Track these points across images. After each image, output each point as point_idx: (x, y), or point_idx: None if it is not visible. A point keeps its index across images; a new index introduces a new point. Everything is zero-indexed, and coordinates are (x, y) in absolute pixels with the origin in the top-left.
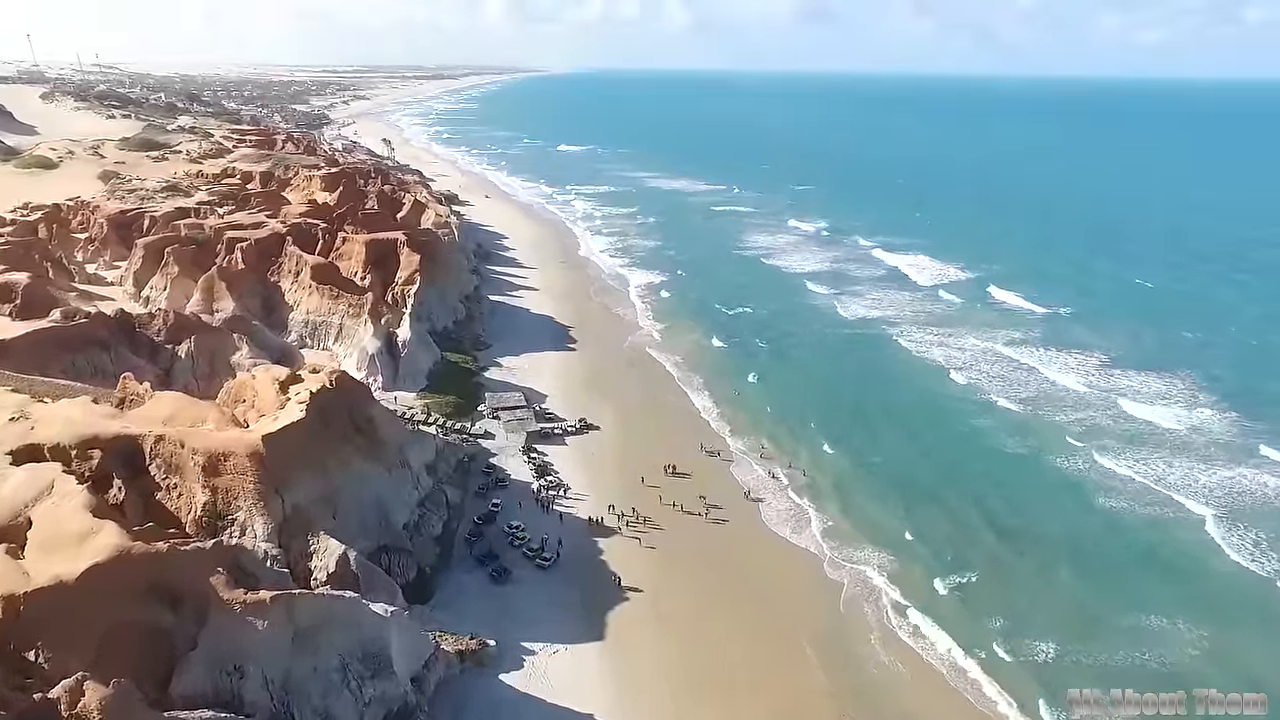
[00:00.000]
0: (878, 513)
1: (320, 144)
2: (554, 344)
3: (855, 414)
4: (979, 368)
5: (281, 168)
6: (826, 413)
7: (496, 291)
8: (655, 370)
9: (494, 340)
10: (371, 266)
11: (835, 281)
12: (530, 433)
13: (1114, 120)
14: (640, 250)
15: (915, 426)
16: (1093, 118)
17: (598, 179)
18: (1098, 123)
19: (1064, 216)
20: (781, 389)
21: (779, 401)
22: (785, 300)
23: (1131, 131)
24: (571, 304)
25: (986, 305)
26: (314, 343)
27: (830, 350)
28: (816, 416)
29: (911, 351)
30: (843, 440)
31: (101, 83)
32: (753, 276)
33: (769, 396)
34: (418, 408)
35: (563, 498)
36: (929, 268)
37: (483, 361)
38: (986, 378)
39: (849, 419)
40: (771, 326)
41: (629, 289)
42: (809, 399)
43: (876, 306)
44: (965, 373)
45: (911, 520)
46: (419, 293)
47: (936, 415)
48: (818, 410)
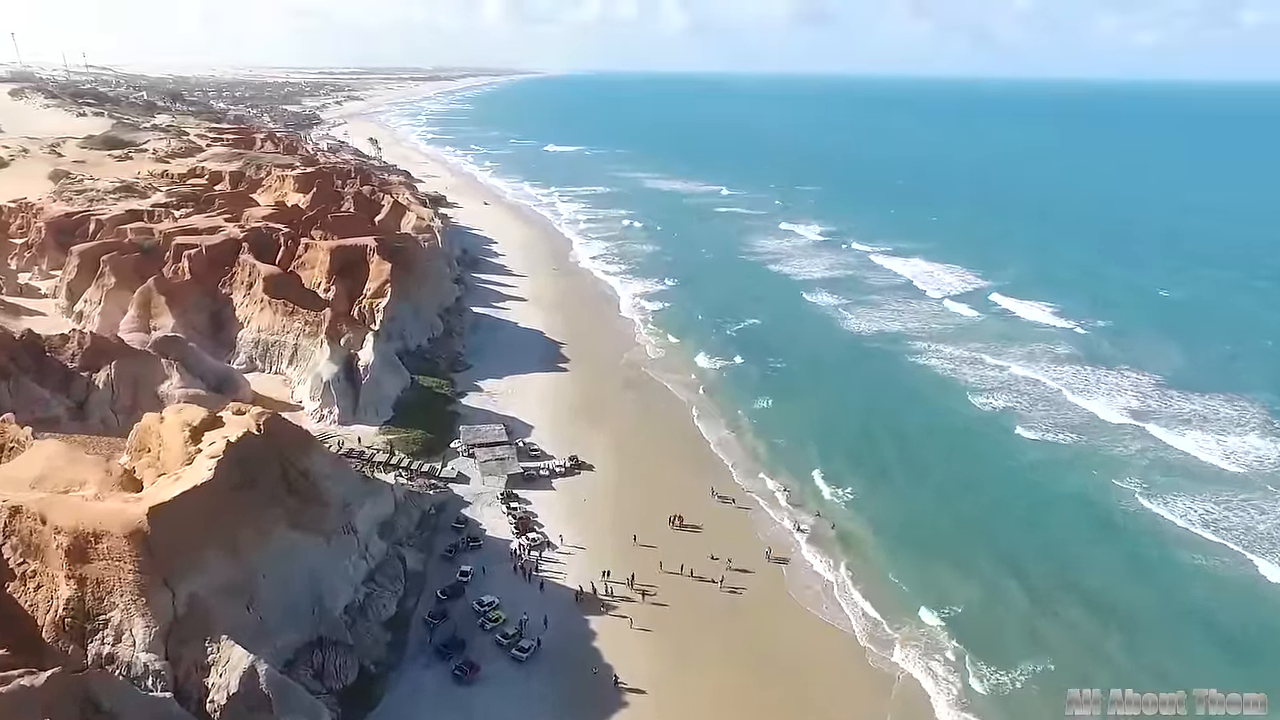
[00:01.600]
0: (922, 574)
1: (304, 144)
2: (543, 363)
3: (879, 448)
4: (1001, 391)
5: (253, 167)
6: (849, 446)
7: (481, 302)
8: (656, 394)
9: (475, 359)
10: (337, 277)
11: (842, 290)
12: (511, 475)
13: (1112, 122)
14: (637, 255)
15: (946, 463)
16: (1091, 119)
17: (593, 180)
18: (1096, 124)
19: (1067, 219)
20: (797, 416)
21: (796, 431)
22: (793, 311)
23: (1130, 133)
24: (563, 316)
25: (999, 317)
26: (266, 365)
27: (844, 369)
28: (839, 450)
29: (930, 371)
30: (871, 481)
31: (88, 83)
32: (757, 284)
33: (784, 425)
34: (379, 446)
35: (547, 560)
36: (937, 275)
37: (461, 385)
38: (1010, 402)
39: (873, 454)
40: (781, 342)
41: (625, 298)
42: (828, 428)
43: (887, 319)
44: (987, 396)
45: (962, 583)
46: (389, 307)
47: (965, 448)
48: (839, 443)
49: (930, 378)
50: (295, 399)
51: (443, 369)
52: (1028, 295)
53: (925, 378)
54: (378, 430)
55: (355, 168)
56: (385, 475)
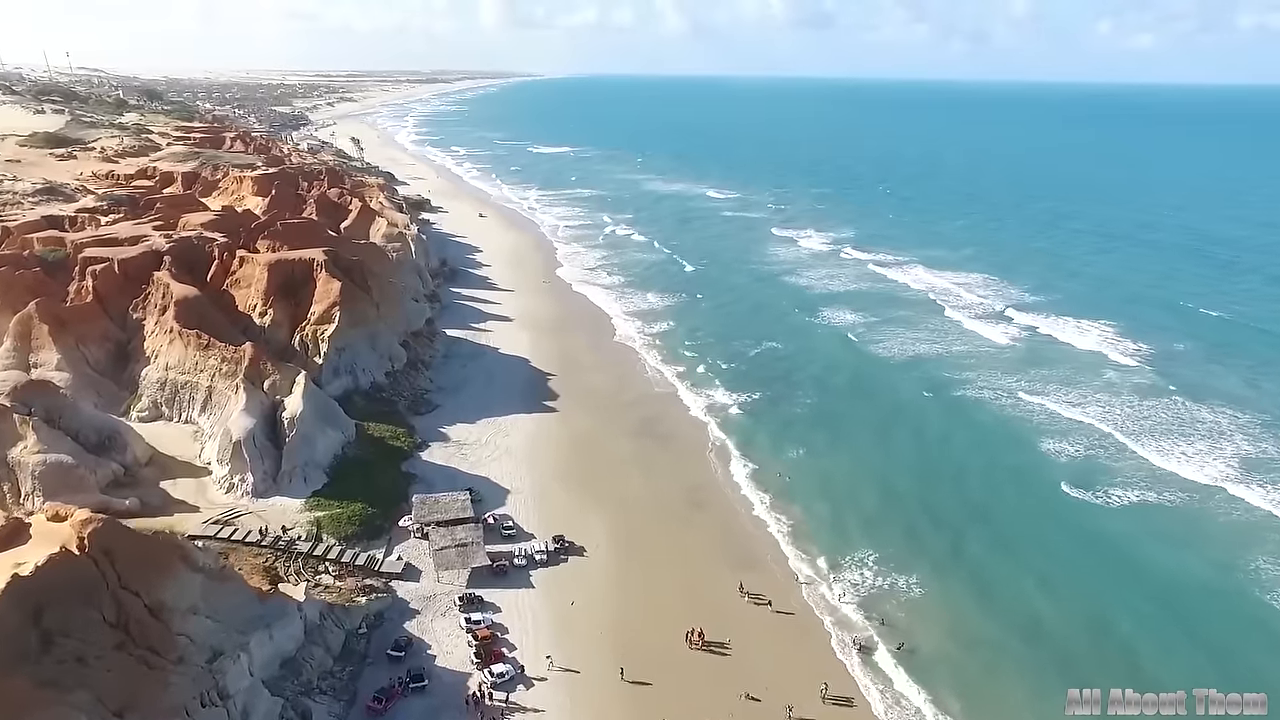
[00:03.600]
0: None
1: (279, 144)
2: (527, 401)
3: (942, 514)
4: (1075, 439)
5: (209, 168)
6: (907, 517)
7: (458, 322)
8: (664, 444)
9: (444, 397)
10: (276, 298)
11: (861, 306)
12: (476, 569)
13: (1116, 123)
14: (636, 267)
15: (1030, 538)
16: (1092, 121)
17: (589, 183)
18: (1097, 126)
19: (1082, 224)
20: (838, 472)
21: (841, 494)
22: (811, 333)
23: (1132, 135)
24: (553, 340)
25: (1037, 340)
26: (173, 413)
27: (880, 407)
28: (895, 522)
29: (973, 407)
30: (939, 564)
31: (73, 83)
32: (768, 300)
33: (824, 485)
34: (300, 527)
35: (519, 711)
36: (957, 288)
37: (423, 433)
38: (1088, 456)
39: (935, 522)
40: (803, 371)
41: (624, 318)
42: (877, 490)
43: (915, 342)
44: (1058, 442)
45: None
46: (337, 335)
47: (1046, 518)
48: (895, 512)
49: (977, 416)
50: (203, 459)
51: (401, 412)
52: (1054, 310)
53: (970, 417)
54: (303, 504)
55: (326, 169)
56: (296, 586)
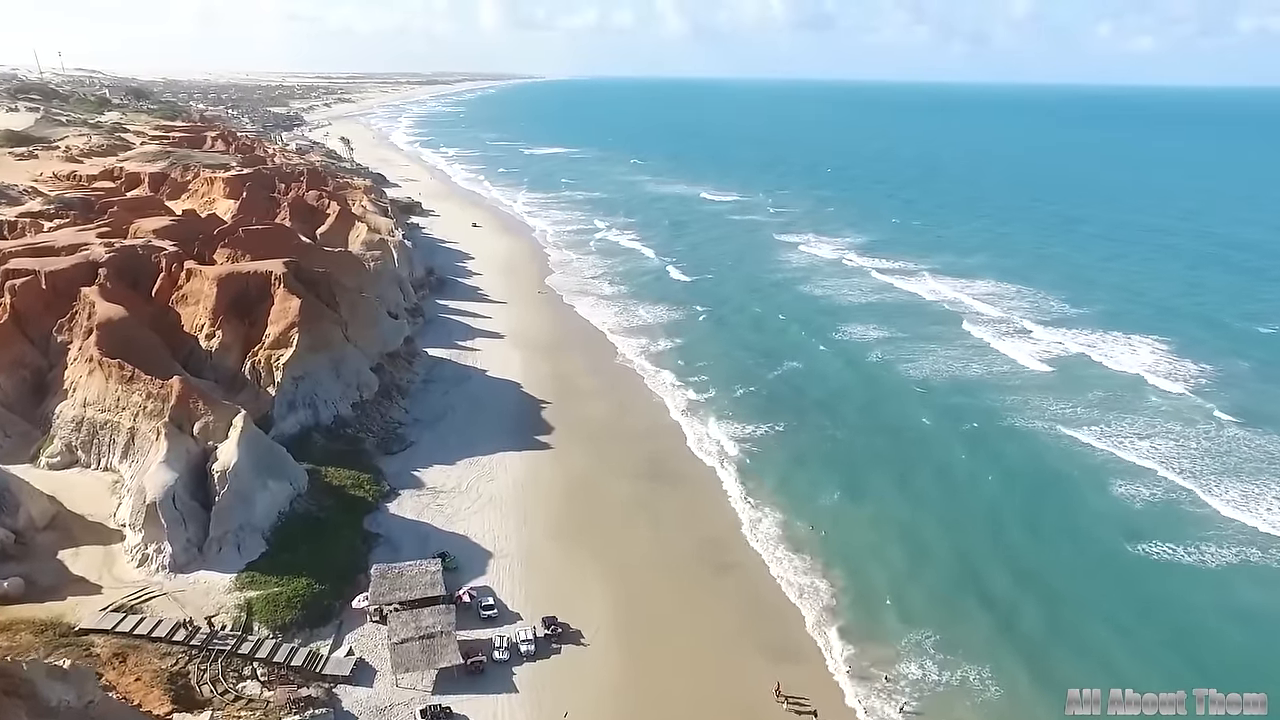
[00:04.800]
0: None
1: (265, 144)
2: (516, 435)
3: (1006, 579)
4: (1130, 482)
5: (179, 169)
6: (962, 578)
7: (443, 340)
8: (675, 485)
9: (420, 432)
10: (226, 317)
11: (887, 321)
12: (443, 670)
13: (1113, 125)
14: (638, 276)
15: (1105, 610)
16: (1094, 122)
17: (589, 184)
18: (1100, 127)
19: (1098, 229)
20: (882, 523)
21: (886, 552)
22: (834, 353)
23: (1135, 136)
24: (548, 361)
25: (1083, 365)
26: (91, 459)
27: (919, 441)
28: (952, 586)
29: (1025, 443)
30: (1012, 647)
31: (61, 83)
32: (783, 315)
33: (868, 541)
34: (227, 612)
35: None
36: (989, 300)
37: (391, 478)
38: (1149, 504)
39: (1000, 591)
40: (829, 398)
41: (627, 335)
42: (928, 546)
43: (949, 363)
44: (1113, 485)
45: None
46: (294, 361)
47: (1119, 585)
48: (948, 572)
49: (1017, 453)
50: (118, 520)
51: (368, 452)
52: (1081, 324)
53: (1011, 454)
54: (233, 581)
55: (308, 170)
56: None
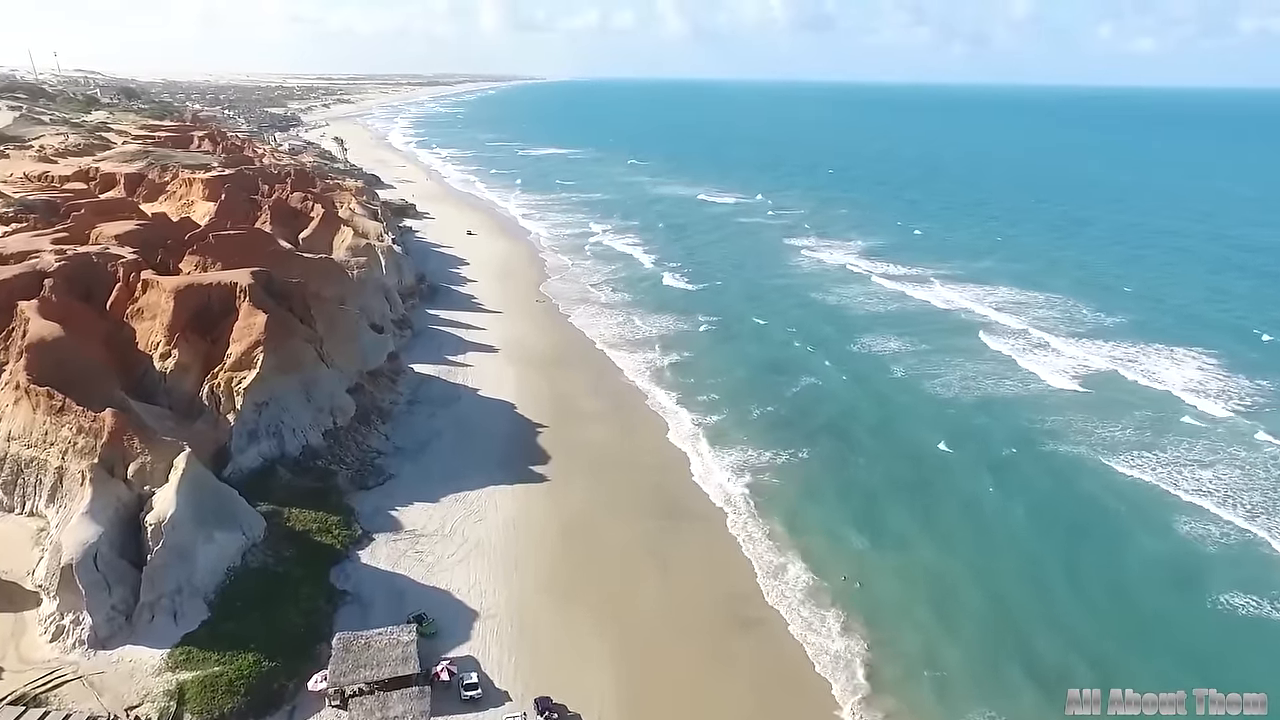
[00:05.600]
0: None
1: (261, 144)
2: (508, 465)
3: (1072, 645)
4: (1185, 523)
5: (157, 169)
6: (1021, 643)
7: (432, 354)
8: (687, 525)
9: (401, 463)
10: (184, 334)
11: (908, 333)
12: None
13: (1116, 126)
14: (641, 283)
15: (1173, 665)
16: (1095, 124)
17: (589, 186)
18: (1103, 129)
19: (1137, 234)
20: (925, 573)
21: (934, 609)
22: (856, 369)
23: (1138, 137)
24: (546, 378)
25: (1112, 383)
26: (15, 501)
27: (952, 469)
28: (1010, 653)
29: (1067, 474)
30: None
31: (53, 83)
32: (798, 325)
33: (912, 596)
34: (153, 701)
35: None
36: (1006, 309)
37: (365, 519)
38: (1221, 548)
39: (1068, 660)
40: (852, 417)
41: (629, 348)
42: (978, 600)
43: (980, 380)
44: (1177, 525)
45: None
46: (256, 385)
47: (1182, 635)
48: (1005, 636)
49: (1060, 486)
50: (35, 580)
51: (340, 488)
52: (1104, 336)
53: (1054, 488)
54: (164, 658)
55: (295, 171)
56: None
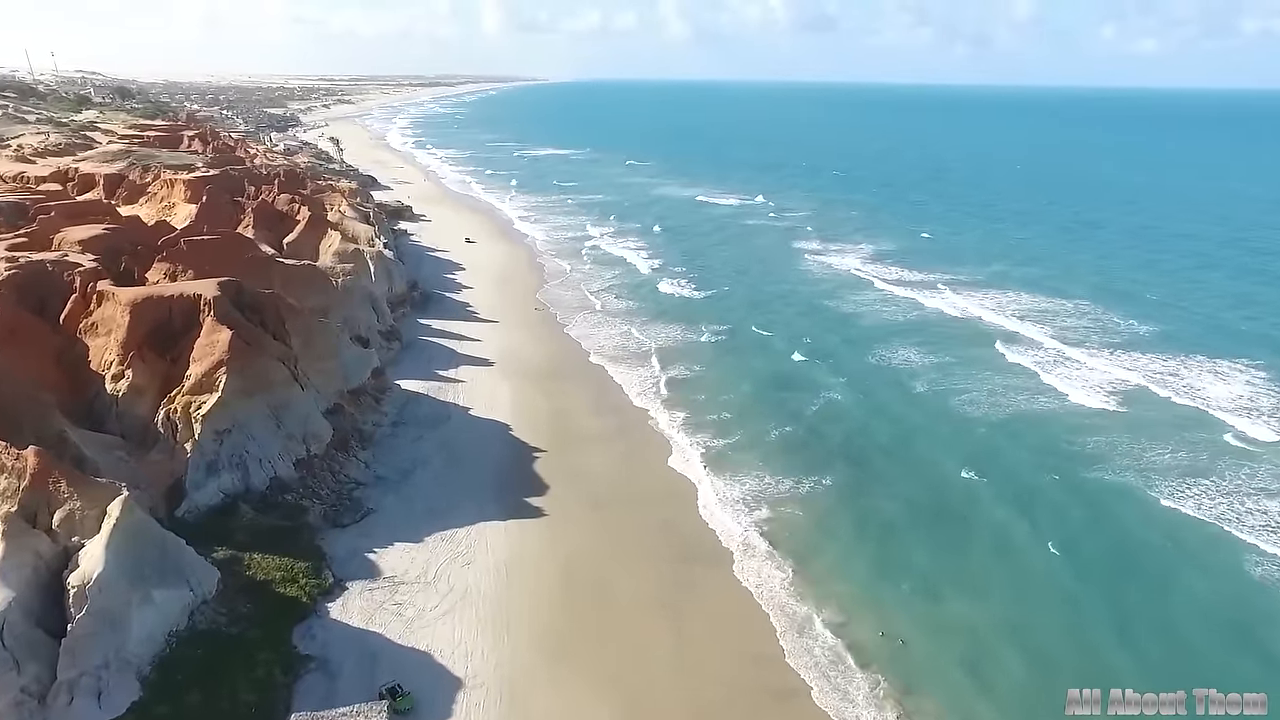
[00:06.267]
0: None
1: (256, 144)
2: (502, 497)
3: None
4: (1256, 566)
5: (138, 170)
6: None
7: (421, 370)
8: (702, 570)
9: (382, 495)
10: (141, 352)
11: (925, 346)
12: None
13: (1120, 127)
14: (646, 288)
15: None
16: (1099, 125)
17: (590, 188)
18: (1107, 129)
19: (1151, 236)
20: (973, 625)
21: (989, 673)
22: (872, 386)
23: (1143, 138)
24: (544, 395)
25: (1145, 400)
26: None
27: (979, 497)
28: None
29: (1114, 503)
30: None
31: (59, 83)
32: (808, 336)
33: (964, 656)
34: None
35: None
36: (1038, 321)
37: (338, 564)
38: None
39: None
40: (872, 443)
41: (633, 361)
42: (1031, 661)
43: (1006, 398)
44: (1238, 567)
45: None
46: (217, 410)
47: None
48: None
49: (1105, 520)
50: None
51: (312, 526)
52: (1134, 347)
53: (1095, 518)
54: None
55: (285, 172)
56: None
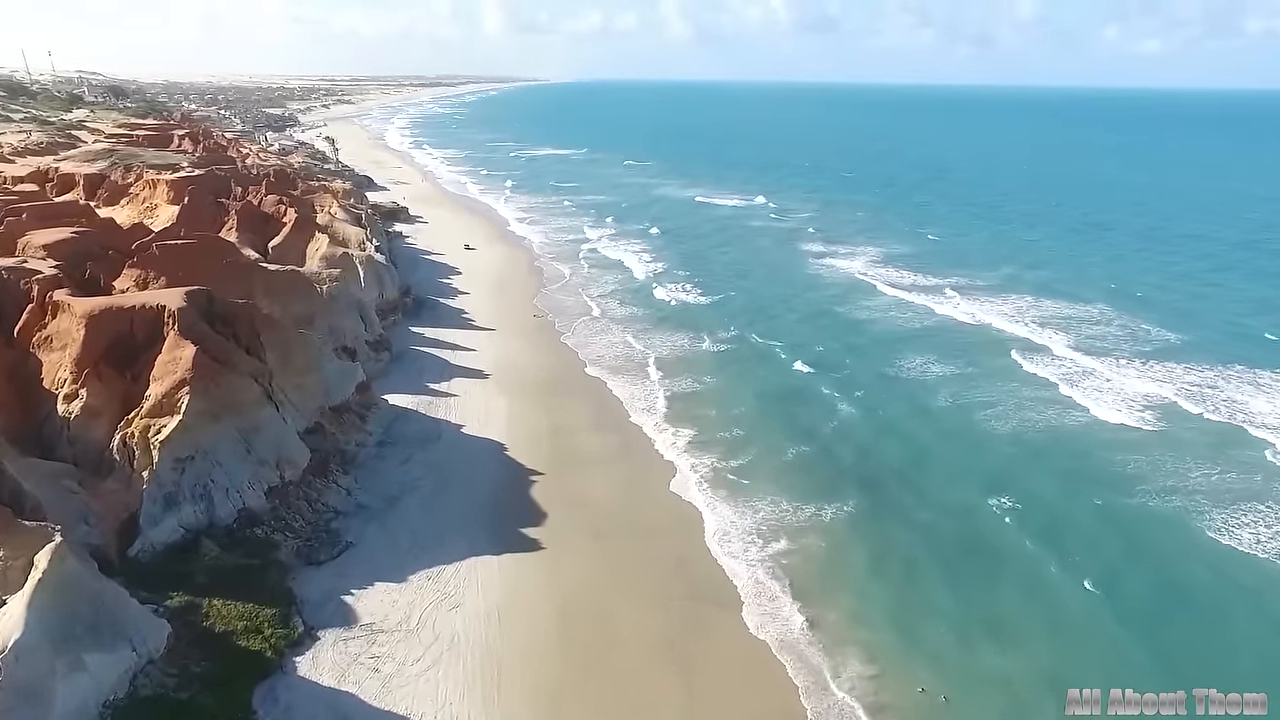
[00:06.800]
0: None
1: (250, 144)
2: (494, 529)
3: None
4: None
5: (120, 170)
6: None
7: (411, 384)
8: (713, 611)
9: (363, 526)
10: (96, 369)
11: (941, 352)
12: None
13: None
14: (649, 293)
15: None
16: (1102, 126)
17: (591, 189)
18: (1110, 130)
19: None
20: (1016, 678)
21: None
22: (893, 396)
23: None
24: (542, 411)
25: (1177, 417)
26: None
27: (1023, 527)
28: None
29: (1161, 536)
30: None
31: (56, 83)
32: (820, 343)
33: (1006, 711)
34: None
35: None
36: (1057, 330)
37: (309, 609)
38: None
39: None
40: (897, 465)
41: (636, 374)
42: None
43: (1033, 409)
44: None
45: None
46: (179, 435)
47: None
48: None
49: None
50: None
51: (283, 564)
52: (1161, 357)
53: (1137, 554)
54: None
55: (274, 172)
56: None
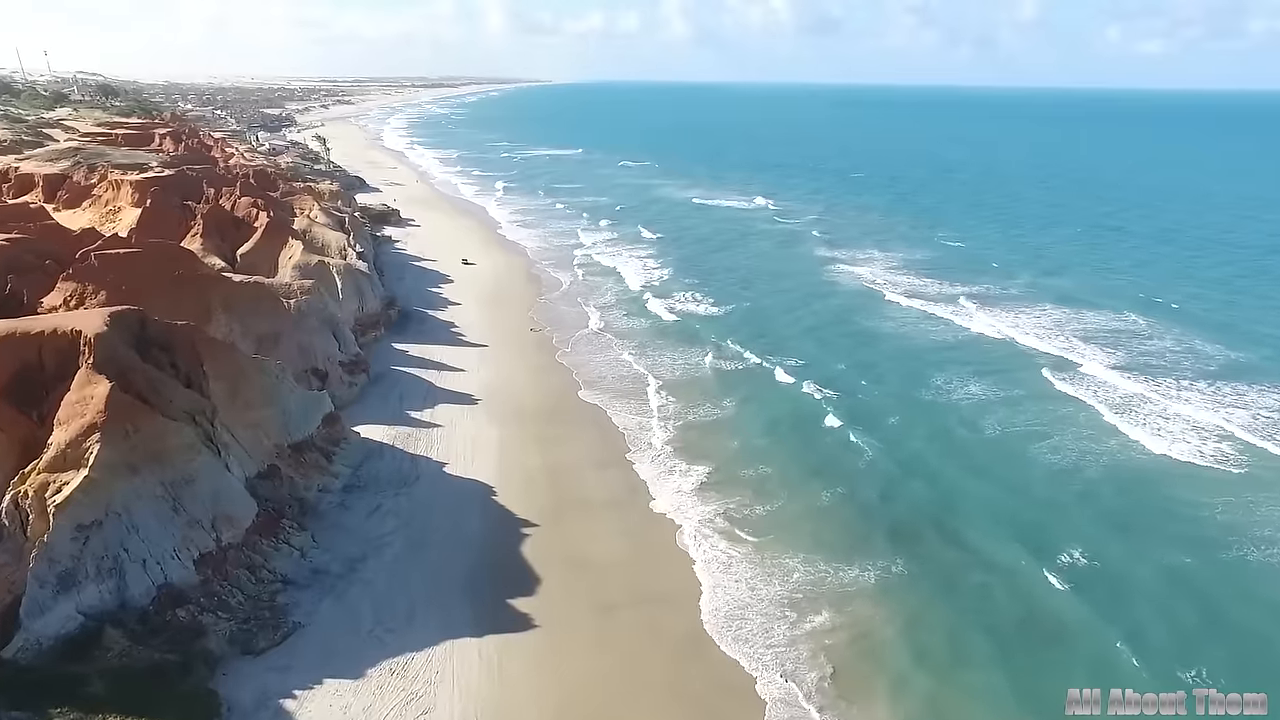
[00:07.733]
0: None
1: (228, 144)
2: (476, 603)
3: None
4: None
5: (84, 170)
6: None
7: (389, 410)
8: (733, 709)
9: (314, 601)
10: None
11: (968, 373)
12: None
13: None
14: (655, 303)
15: None
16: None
17: (591, 190)
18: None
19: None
20: None
21: None
22: (918, 429)
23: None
24: (538, 443)
25: (1242, 450)
26: None
27: (1082, 598)
28: None
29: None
30: None
31: (57, 83)
32: (833, 362)
33: None
34: None
35: None
36: (1091, 349)
37: (239, 711)
38: None
39: None
40: (942, 511)
41: (641, 404)
42: None
43: (1078, 441)
44: None
45: None
46: (81, 496)
47: None
48: None
49: (1234, 630)
50: None
51: (211, 654)
52: (1196, 374)
53: (1220, 623)
54: None
55: (253, 172)
56: None
